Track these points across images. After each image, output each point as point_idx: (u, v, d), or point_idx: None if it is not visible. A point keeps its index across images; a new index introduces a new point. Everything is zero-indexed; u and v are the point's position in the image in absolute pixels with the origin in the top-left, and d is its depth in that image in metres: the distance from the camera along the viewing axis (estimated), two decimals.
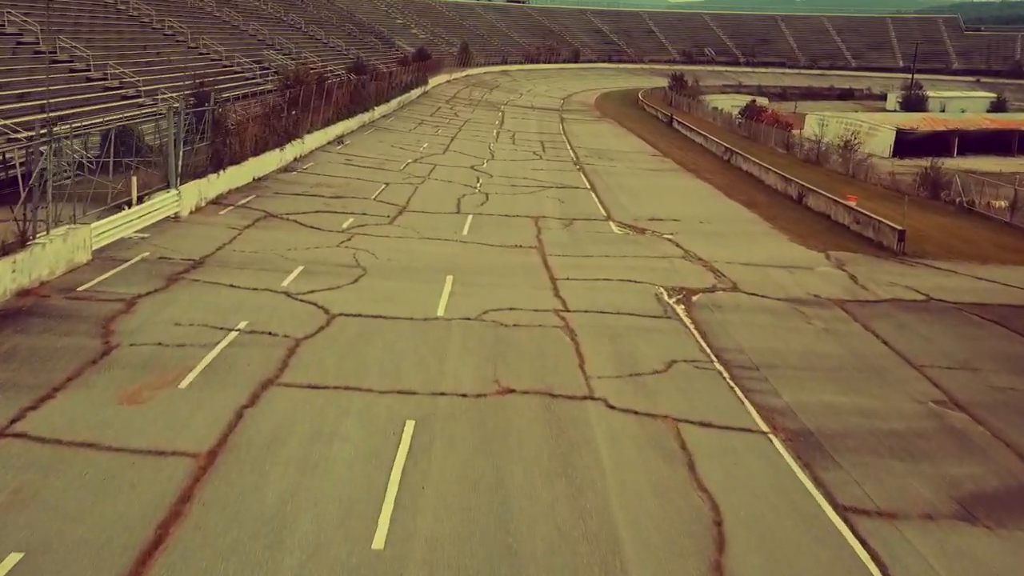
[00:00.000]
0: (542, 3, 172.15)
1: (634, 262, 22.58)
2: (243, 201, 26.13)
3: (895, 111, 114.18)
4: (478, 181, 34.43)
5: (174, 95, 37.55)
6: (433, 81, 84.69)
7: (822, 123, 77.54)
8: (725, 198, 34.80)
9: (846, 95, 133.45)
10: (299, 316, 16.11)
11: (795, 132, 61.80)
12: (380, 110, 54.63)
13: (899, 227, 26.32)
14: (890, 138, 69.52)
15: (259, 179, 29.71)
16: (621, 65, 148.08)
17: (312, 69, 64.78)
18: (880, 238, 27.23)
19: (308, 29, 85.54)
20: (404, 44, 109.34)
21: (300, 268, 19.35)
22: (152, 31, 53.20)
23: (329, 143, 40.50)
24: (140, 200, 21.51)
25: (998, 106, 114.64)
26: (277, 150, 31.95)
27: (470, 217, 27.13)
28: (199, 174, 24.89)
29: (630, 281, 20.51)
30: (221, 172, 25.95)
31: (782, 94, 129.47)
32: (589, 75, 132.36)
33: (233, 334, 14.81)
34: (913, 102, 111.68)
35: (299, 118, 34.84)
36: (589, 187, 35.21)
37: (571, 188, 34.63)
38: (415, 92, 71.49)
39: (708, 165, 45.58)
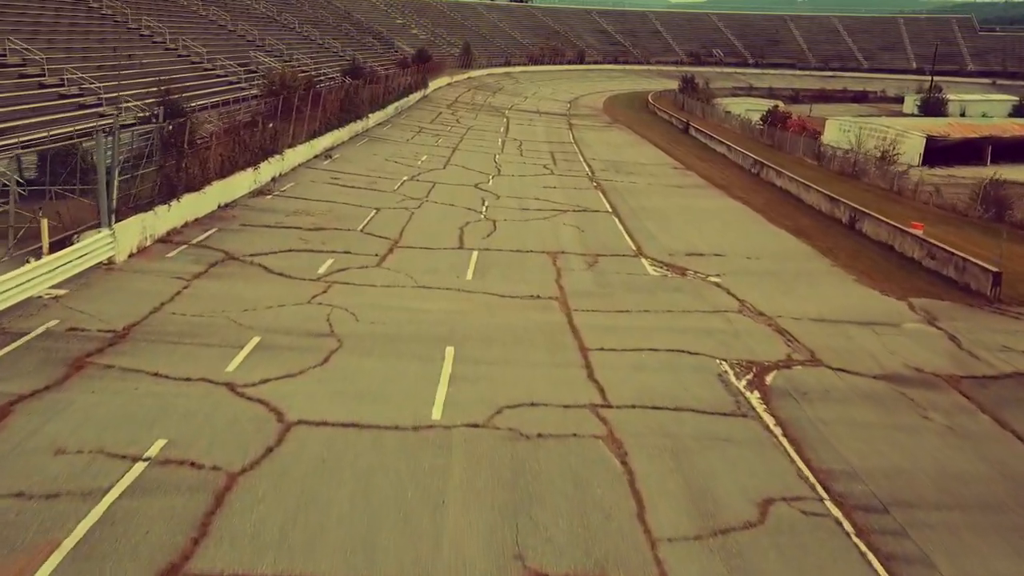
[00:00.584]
0: (546, 2, 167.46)
1: (682, 320, 17.95)
2: (200, 237, 21.51)
3: (913, 115, 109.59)
4: (483, 204, 29.81)
5: (138, 103, 33.02)
6: (433, 84, 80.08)
7: (844, 129, 72.97)
8: (767, 223, 30.15)
9: (860, 97, 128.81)
10: (241, 427, 11.51)
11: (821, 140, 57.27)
12: (376, 117, 50.01)
13: (994, 268, 21.70)
14: (920, 145, 64.97)
15: (226, 206, 25.09)
16: (627, 66, 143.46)
17: (303, 72, 60.20)
18: (965, 279, 22.60)
19: (303, 29, 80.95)
20: (404, 45, 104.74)
21: (255, 340, 14.76)
22: (127, 31, 48.61)
23: (315, 157, 35.88)
24: (60, 245, 16.89)
25: (1021, 109, 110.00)
26: (250, 170, 27.34)
27: (475, 254, 22.50)
28: (145, 205, 20.29)
29: (683, 352, 15.89)
30: (175, 202, 21.33)
31: (794, 96, 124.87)
32: (595, 77, 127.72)
33: (139, 467, 10.23)
34: (932, 105, 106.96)
35: (277, 131, 30.22)
36: (610, 210, 30.58)
37: (590, 212, 29.99)
38: (414, 96, 66.87)
39: (737, 180, 40.94)
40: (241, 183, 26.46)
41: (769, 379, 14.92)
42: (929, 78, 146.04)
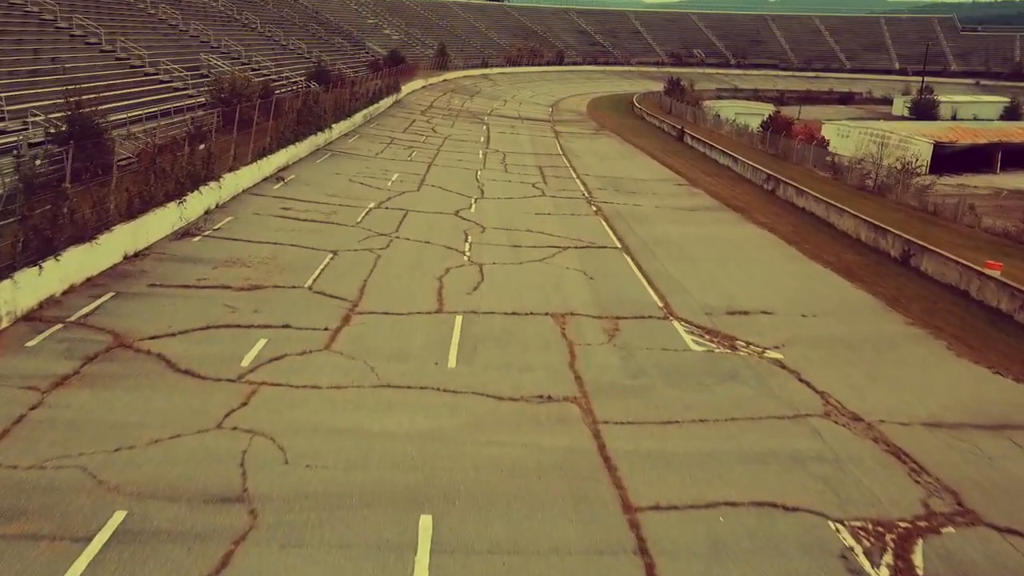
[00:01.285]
0: (523, 2, 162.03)
1: (755, 436, 12.62)
2: (85, 310, 15.76)
3: (904, 117, 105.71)
4: (466, 240, 24.31)
5: (50, 117, 27.11)
6: (407, 87, 74.33)
7: (842, 134, 68.31)
8: (806, 260, 24.97)
9: (846, 99, 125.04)
10: None
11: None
12: (341, 127, 44.26)
13: None
14: (926, 152, 60.53)
15: (135, 256, 19.35)
16: (607, 67, 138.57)
17: (261, 76, 54.27)
18: None
19: (265, 29, 74.76)
20: (375, 46, 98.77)
21: (116, 521, 9.18)
22: (54, 31, 42.39)
23: (265, 180, 30.13)
24: None
25: (1012, 112, 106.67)
26: (173, 204, 21.60)
27: (458, 322, 17.01)
28: (6, 268, 14.56)
29: (774, 506, 10.55)
30: (51, 259, 15.59)
31: (779, 98, 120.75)
32: (575, 78, 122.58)
33: None
34: (924, 107, 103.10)
35: (212, 151, 24.46)
36: (619, 245, 25.22)
37: (595, 248, 24.60)
38: (386, 101, 61.10)
39: (752, 200, 35.82)
40: (158, 223, 20.71)
41: (917, 559, 9.62)
42: (912, 78, 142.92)
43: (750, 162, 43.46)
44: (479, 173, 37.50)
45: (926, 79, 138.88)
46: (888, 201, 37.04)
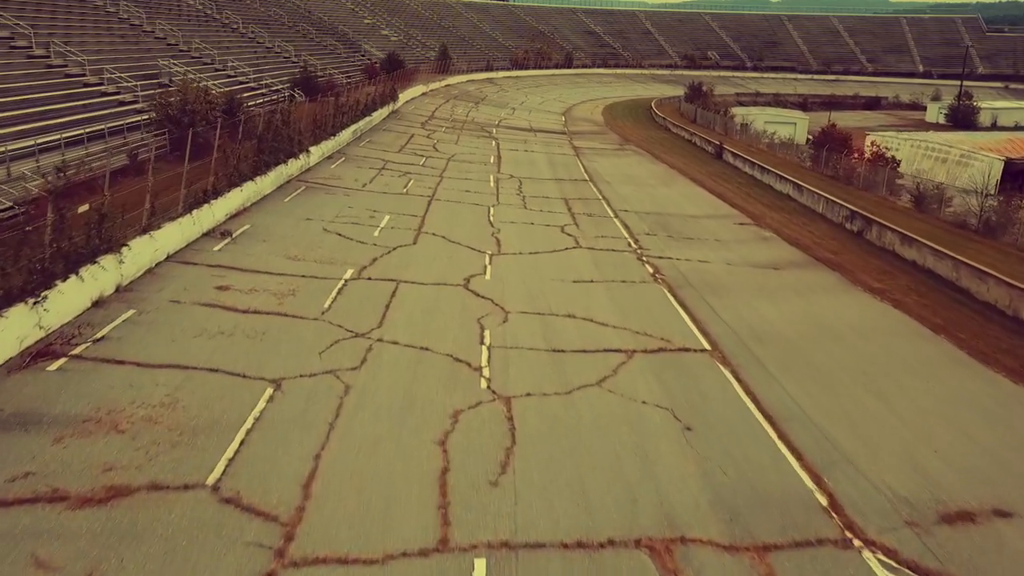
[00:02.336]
0: (529, 1, 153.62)
1: None
2: None
3: (939, 125, 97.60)
4: (483, 342, 16.21)
5: None
6: (405, 95, 66.22)
7: (891, 148, 60.15)
8: (979, 366, 16.88)
9: (872, 104, 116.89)
10: None
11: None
12: (324, 149, 36.18)
13: None
14: (997, 170, 52.37)
15: None
16: (618, 70, 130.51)
17: (238, 85, 46.20)
18: None
19: (247, 30, 66.62)
20: (372, 48, 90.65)
21: None
22: None
23: (205, 236, 22.00)
24: None
25: None
26: (25, 304, 13.50)
27: (479, 568, 8.94)
28: None
29: None
30: None
31: (803, 103, 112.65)
32: (585, 82, 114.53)
33: None
34: (962, 114, 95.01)
35: (104, 213, 16.33)
36: (705, 343, 17.12)
37: (674, 353, 16.50)
38: (380, 113, 52.98)
39: (841, 248, 27.74)
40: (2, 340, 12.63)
41: None
42: (937, 82, 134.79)
43: (816, 190, 35.38)
44: (492, 211, 29.40)
45: (953, 82, 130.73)
46: (1008, 246, 28.94)
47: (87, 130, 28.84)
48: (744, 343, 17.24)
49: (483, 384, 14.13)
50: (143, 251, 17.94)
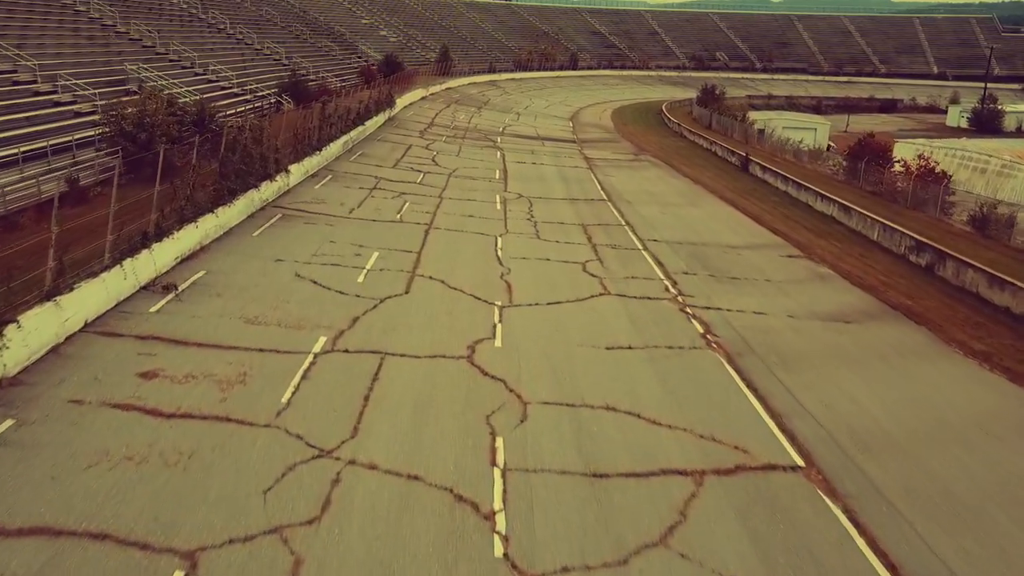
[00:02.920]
0: (533, 1, 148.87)
1: None
2: None
3: (961, 129, 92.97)
4: (493, 450, 11.77)
5: None
6: (404, 99, 61.68)
7: (921, 155, 55.58)
8: None
9: (888, 107, 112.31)
10: None
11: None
12: (307, 166, 31.69)
13: None
14: None
15: None
16: (624, 72, 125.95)
17: (216, 92, 41.71)
18: None
19: (236, 31, 62.09)
20: (370, 49, 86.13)
21: None
22: None
23: (142, 291, 17.44)
24: None
25: None
26: None
27: None
28: None
29: None
30: None
31: (816, 106, 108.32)
32: (591, 84, 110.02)
33: None
34: (987, 118, 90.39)
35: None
36: (796, 455, 12.62)
37: (756, 473, 12.00)
38: (375, 121, 48.46)
39: (917, 290, 23.22)
40: None
41: None
42: (952, 83, 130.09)
43: (867, 212, 30.86)
44: (500, 243, 24.88)
45: (969, 84, 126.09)
46: None
47: (24, 148, 24.35)
48: (846, 453, 12.71)
49: (498, 549, 9.61)
50: (44, 325, 13.41)
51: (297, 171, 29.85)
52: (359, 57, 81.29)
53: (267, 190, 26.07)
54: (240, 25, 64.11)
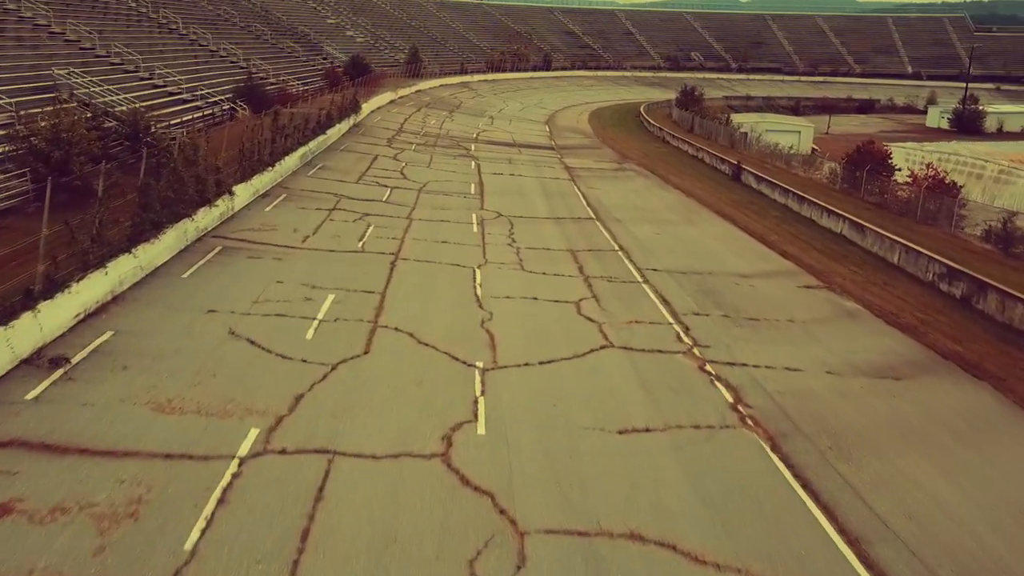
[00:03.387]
0: (505, 0, 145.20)
1: None
2: None
3: (942, 130, 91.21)
4: None
5: None
6: (371, 104, 57.75)
7: (914, 161, 53.12)
8: None
9: (866, 107, 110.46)
10: None
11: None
12: (252, 188, 27.77)
13: None
14: None
15: None
16: (599, 72, 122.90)
17: (159, 99, 37.59)
18: None
19: (188, 31, 57.67)
20: (336, 51, 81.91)
21: None
22: None
23: (24, 364, 13.53)
24: None
25: None
26: None
27: None
28: None
29: None
30: None
31: (795, 107, 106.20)
32: (566, 85, 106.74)
33: None
34: (968, 119, 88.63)
35: None
36: None
37: None
38: (339, 128, 44.56)
39: (960, 330, 20.06)
40: None
41: None
42: (927, 83, 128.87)
43: (882, 231, 27.76)
44: (478, 277, 21.28)
45: (942, 83, 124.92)
46: None
47: None
48: None
49: None
50: None
51: (244, 192, 25.94)
52: (324, 59, 77.08)
53: (205, 218, 22.17)
54: (194, 25, 59.65)
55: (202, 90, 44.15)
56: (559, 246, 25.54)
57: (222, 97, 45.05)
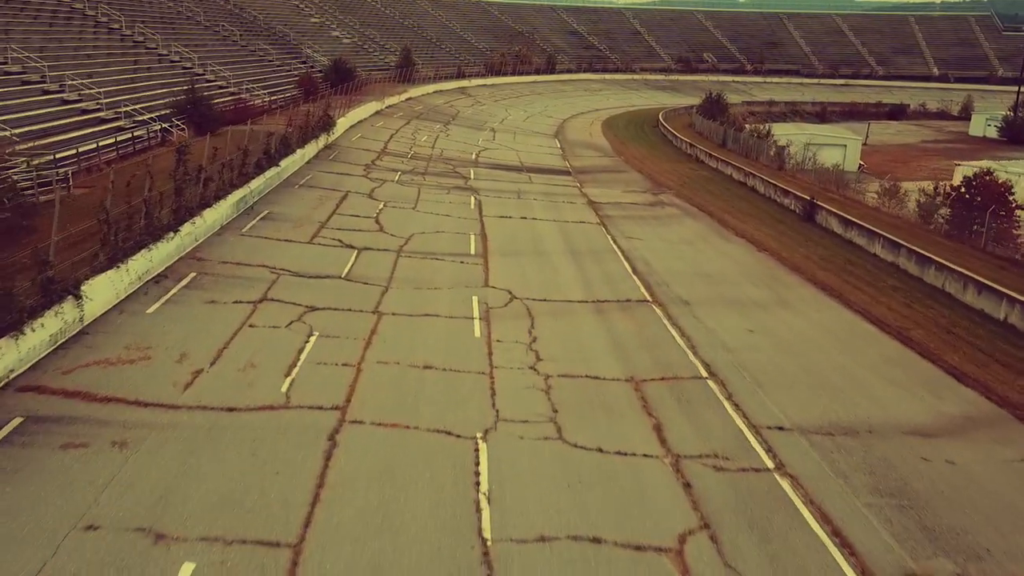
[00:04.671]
0: None
1: None
2: None
3: (989, 139, 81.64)
4: None
5: None
6: (349, 116, 47.95)
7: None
8: None
9: (897, 113, 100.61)
10: None
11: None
12: (130, 275, 17.94)
13: None
14: None
15: None
16: (606, 75, 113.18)
17: (59, 120, 27.92)
18: None
19: (133, 31, 47.79)
20: (317, 53, 72.02)
21: None
22: None
23: None
24: None
25: None
26: None
27: None
28: None
29: None
30: None
31: (821, 113, 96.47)
32: (572, 91, 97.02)
33: None
34: (1020, 128, 78.99)
35: None
36: None
37: None
38: (302, 153, 34.78)
39: None
40: None
41: None
42: (955, 86, 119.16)
43: None
44: (483, 467, 11.65)
45: (971, 86, 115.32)
46: None
47: None
48: None
49: None
50: None
51: (111, 285, 16.13)
52: (304, 63, 67.20)
53: (7, 355, 12.35)
54: (143, 24, 49.74)
55: (127, 106, 34.29)
56: (610, 368, 15.80)
57: (155, 115, 35.21)
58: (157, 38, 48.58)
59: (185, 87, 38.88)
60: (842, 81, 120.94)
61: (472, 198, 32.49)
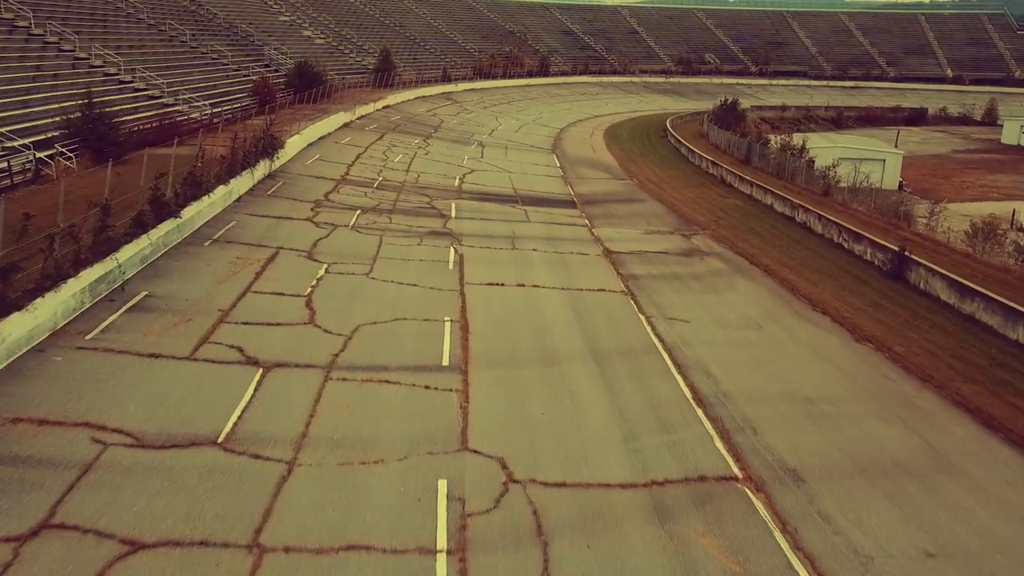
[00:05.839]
0: None
1: None
2: None
3: (1019, 146, 73.86)
4: None
5: None
6: (309, 132, 39.17)
7: None
8: None
9: (916, 118, 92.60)
10: None
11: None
12: None
13: None
14: None
15: None
16: (604, 78, 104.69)
17: None
18: None
19: (46, 30, 38.81)
20: (283, 55, 63.05)
21: None
22: None
23: None
24: None
25: None
26: None
27: None
28: None
29: None
30: None
31: (837, 119, 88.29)
32: (568, 95, 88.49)
33: None
34: None
35: None
36: None
37: None
38: (224, 191, 25.99)
39: None
40: None
41: None
42: (971, 88, 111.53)
43: None
44: None
45: (988, 88, 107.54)
46: None
47: None
48: None
49: None
50: None
51: None
52: (266, 66, 58.32)
53: None
54: (60, 20, 40.76)
55: (11, 126, 25.42)
56: None
57: (35, 139, 26.37)
58: (74, 38, 39.63)
59: (122, 96, 29.67)
60: (852, 83, 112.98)
61: (451, 251, 23.90)
